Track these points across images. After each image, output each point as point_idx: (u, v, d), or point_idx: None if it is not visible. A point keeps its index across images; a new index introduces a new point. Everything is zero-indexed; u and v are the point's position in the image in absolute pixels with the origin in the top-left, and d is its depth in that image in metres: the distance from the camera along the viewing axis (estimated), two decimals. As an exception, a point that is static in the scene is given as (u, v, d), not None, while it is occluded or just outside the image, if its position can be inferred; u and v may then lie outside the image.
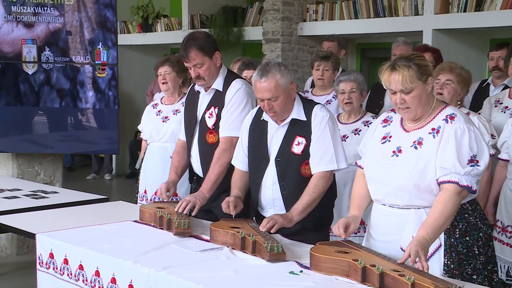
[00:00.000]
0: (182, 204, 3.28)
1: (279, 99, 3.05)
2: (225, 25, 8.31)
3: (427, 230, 2.49)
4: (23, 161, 5.85)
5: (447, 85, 3.69)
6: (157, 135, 4.50)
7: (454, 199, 2.53)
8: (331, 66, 4.75)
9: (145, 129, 4.65)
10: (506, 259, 3.59)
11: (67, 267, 2.99)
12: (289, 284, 2.40)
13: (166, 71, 4.45)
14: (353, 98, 4.06)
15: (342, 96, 4.09)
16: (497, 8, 5.78)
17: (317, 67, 4.78)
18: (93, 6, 5.73)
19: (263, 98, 3.06)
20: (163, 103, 4.62)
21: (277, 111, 3.08)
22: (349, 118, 4.15)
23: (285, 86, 3.06)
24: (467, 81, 3.80)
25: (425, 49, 4.46)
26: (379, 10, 6.76)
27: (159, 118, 4.54)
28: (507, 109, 4.13)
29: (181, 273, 2.51)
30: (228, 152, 3.38)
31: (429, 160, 2.59)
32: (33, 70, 5.66)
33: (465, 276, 2.65)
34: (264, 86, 3.03)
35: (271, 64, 3.09)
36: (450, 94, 3.68)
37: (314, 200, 3.04)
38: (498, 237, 3.65)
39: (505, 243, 3.62)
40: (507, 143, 3.63)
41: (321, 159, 3.07)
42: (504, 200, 3.64)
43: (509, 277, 3.56)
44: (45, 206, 3.93)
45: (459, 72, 3.73)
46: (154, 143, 4.54)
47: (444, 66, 3.80)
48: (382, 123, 2.84)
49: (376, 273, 2.29)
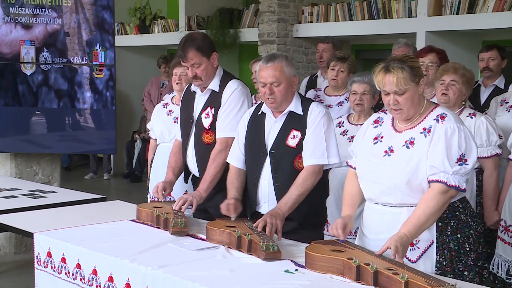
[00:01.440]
0: (179, 202, 3.31)
1: (282, 86, 3.10)
2: (222, 26, 8.34)
3: (409, 227, 2.55)
4: (21, 161, 5.88)
5: (452, 86, 3.71)
6: (169, 135, 4.47)
7: (438, 198, 2.58)
8: (347, 68, 4.73)
9: (156, 128, 4.61)
10: (507, 258, 3.58)
11: (65, 266, 3.01)
12: (284, 283, 2.42)
13: (182, 72, 4.41)
14: (364, 100, 4.08)
15: (354, 96, 4.10)
16: (489, 10, 5.84)
17: (333, 67, 4.74)
18: (91, 8, 5.76)
19: (266, 82, 3.11)
20: (174, 103, 4.59)
21: (277, 97, 3.12)
22: (359, 119, 4.16)
23: (289, 74, 3.13)
24: (471, 81, 3.82)
25: (429, 50, 4.43)
26: (373, 12, 6.81)
27: (170, 118, 4.51)
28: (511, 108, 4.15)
29: (177, 272, 2.53)
30: (224, 152, 3.41)
31: (420, 159, 2.63)
32: (31, 71, 5.68)
33: (457, 273, 2.69)
34: (269, 69, 3.10)
35: (278, 53, 3.20)
36: (455, 95, 3.70)
37: (302, 194, 3.07)
38: (501, 236, 3.64)
39: (507, 242, 3.61)
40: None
41: (313, 153, 3.10)
42: (509, 200, 3.63)
43: (509, 275, 3.56)
44: (43, 206, 3.95)
45: (463, 73, 3.74)
46: (165, 143, 4.49)
47: (448, 67, 3.81)
48: (373, 124, 2.88)
49: (370, 272, 2.32)
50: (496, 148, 3.66)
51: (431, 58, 4.30)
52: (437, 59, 4.33)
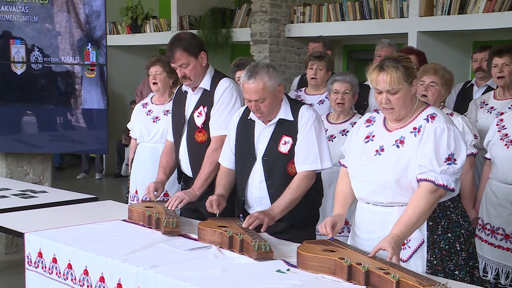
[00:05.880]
0: (172, 201, 3.32)
1: (266, 101, 3.08)
2: (214, 26, 8.34)
3: (401, 227, 2.56)
4: (12, 161, 5.85)
5: (431, 87, 3.75)
6: (148, 135, 4.48)
7: (427, 198, 2.59)
8: (325, 66, 4.75)
9: (135, 128, 4.61)
10: (484, 255, 3.66)
11: (56, 266, 3.00)
12: (276, 282, 2.42)
13: (157, 71, 4.42)
14: (346, 100, 4.09)
15: (335, 96, 4.11)
16: (480, 11, 5.88)
17: (311, 66, 4.77)
18: (83, 7, 5.74)
19: (250, 99, 3.09)
20: (153, 103, 4.59)
21: (264, 112, 3.12)
22: (338, 118, 4.19)
23: (273, 88, 3.09)
24: (450, 83, 3.87)
25: (409, 51, 4.52)
26: (365, 13, 6.84)
27: (149, 118, 4.51)
28: (492, 110, 4.20)
29: (169, 272, 2.52)
30: (219, 150, 3.41)
31: (410, 158, 2.64)
32: (22, 70, 5.66)
33: (448, 272, 2.70)
34: (252, 87, 3.06)
35: (260, 66, 3.11)
36: (434, 96, 3.75)
37: (296, 199, 3.08)
38: (479, 234, 3.71)
39: (484, 240, 3.69)
40: (490, 142, 3.70)
41: (306, 159, 3.11)
42: (485, 199, 3.71)
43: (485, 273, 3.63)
44: (34, 206, 3.92)
45: (442, 74, 3.79)
46: (144, 143, 4.52)
47: (428, 68, 3.85)
48: (365, 123, 2.89)
49: (362, 271, 2.33)
50: (471, 148, 3.72)
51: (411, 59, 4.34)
52: (417, 61, 4.40)
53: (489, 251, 3.65)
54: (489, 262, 3.64)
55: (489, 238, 3.67)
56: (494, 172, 3.64)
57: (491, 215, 3.66)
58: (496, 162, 3.61)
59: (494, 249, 3.64)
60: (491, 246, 3.65)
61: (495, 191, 3.64)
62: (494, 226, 3.64)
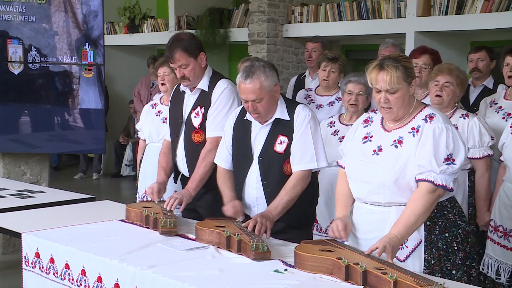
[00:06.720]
0: (169, 202, 3.31)
1: (263, 101, 3.08)
2: (211, 26, 8.34)
3: (399, 228, 2.56)
4: (9, 161, 5.84)
5: (446, 87, 3.70)
6: (157, 135, 4.46)
7: (426, 198, 2.59)
8: (338, 68, 4.73)
9: (145, 129, 4.61)
10: (497, 258, 3.61)
11: (53, 266, 3.00)
12: (274, 283, 2.43)
13: (165, 72, 4.41)
14: (359, 101, 4.04)
15: (348, 96, 4.05)
16: (477, 11, 5.89)
17: (324, 68, 4.73)
18: (80, 7, 5.74)
19: (247, 100, 3.09)
20: (162, 104, 4.58)
21: (260, 112, 3.11)
22: (350, 119, 4.13)
23: (269, 88, 3.09)
24: (464, 83, 3.82)
25: (423, 51, 4.39)
26: (363, 13, 6.84)
27: (159, 118, 4.50)
28: (500, 109, 4.15)
29: (166, 272, 2.52)
30: (214, 152, 3.41)
31: (408, 158, 2.64)
32: (19, 70, 5.65)
33: (445, 272, 2.71)
34: (248, 87, 3.05)
35: (257, 66, 3.10)
36: (449, 96, 3.70)
37: (292, 200, 3.08)
38: (490, 236, 3.66)
39: (496, 242, 3.63)
40: (504, 145, 3.62)
41: (302, 158, 3.11)
42: (499, 201, 3.64)
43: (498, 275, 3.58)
44: (31, 206, 3.91)
45: (457, 74, 3.74)
46: (154, 143, 4.49)
47: (443, 68, 3.80)
48: (363, 123, 2.89)
49: (359, 271, 2.33)
50: (488, 149, 3.68)
51: (425, 59, 4.30)
52: (431, 61, 4.32)
53: (502, 254, 3.59)
54: (502, 264, 3.58)
55: (502, 240, 3.60)
56: (507, 174, 3.58)
57: (503, 217, 3.60)
58: (509, 164, 3.55)
59: (507, 251, 3.57)
60: (504, 248, 3.58)
61: (508, 193, 3.57)
62: (507, 229, 3.57)
